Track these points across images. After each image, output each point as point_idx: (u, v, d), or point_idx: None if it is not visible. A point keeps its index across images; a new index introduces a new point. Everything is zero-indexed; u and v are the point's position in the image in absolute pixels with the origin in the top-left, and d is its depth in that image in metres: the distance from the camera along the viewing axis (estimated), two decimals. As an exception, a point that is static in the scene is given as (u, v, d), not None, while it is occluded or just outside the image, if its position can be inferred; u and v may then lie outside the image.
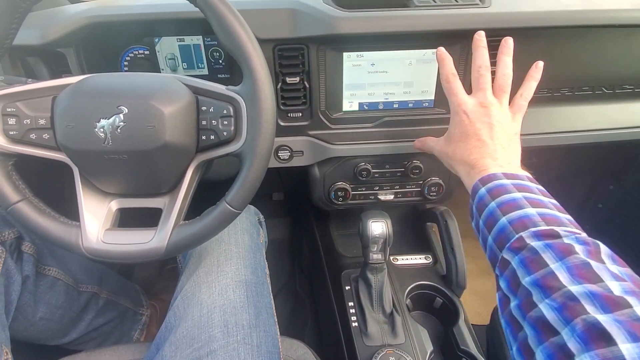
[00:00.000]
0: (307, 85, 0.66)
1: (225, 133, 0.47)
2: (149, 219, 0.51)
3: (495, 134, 0.47)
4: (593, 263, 0.31)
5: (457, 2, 0.61)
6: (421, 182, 0.75)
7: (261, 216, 0.75)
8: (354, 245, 0.84)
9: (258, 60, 0.45)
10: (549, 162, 0.86)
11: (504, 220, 0.37)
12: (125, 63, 0.72)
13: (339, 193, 0.75)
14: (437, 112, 0.70)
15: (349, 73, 0.67)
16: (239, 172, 0.47)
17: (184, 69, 0.74)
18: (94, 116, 0.44)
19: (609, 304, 0.27)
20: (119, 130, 0.44)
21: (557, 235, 0.33)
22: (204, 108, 0.47)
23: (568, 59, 0.67)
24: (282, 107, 0.68)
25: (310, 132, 0.70)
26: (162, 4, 0.64)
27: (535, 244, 0.33)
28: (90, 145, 0.45)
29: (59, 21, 0.61)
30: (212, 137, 0.47)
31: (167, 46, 0.71)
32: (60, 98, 0.46)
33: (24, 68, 0.69)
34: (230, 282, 0.56)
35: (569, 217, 0.37)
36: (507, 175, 0.41)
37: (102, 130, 0.44)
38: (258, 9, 0.61)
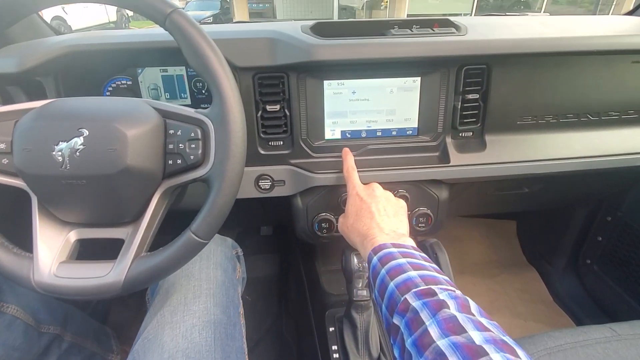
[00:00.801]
0: (288, 113, 0.65)
1: (192, 157, 0.45)
2: (114, 251, 0.48)
3: (382, 205, 0.54)
4: (460, 315, 0.33)
5: (434, 30, 0.62)
6: (409, 212, 0.72)
7: (239, 250, 0.71)
8: (341, 282, 0.79)
9: (227, 82, 0.44)
10: (541, 191, 0.83)
11: (392, 285, 0.40)
12: (108, 93, 0.72)
13: (323, 224, 0.71)
14: (421, 140, 0.69)
15: (330, 101, 0.66)
16: (206, 199, 0.44)
17: (166, 98, 0.73)
18: (53, 139, 0.42)
19: (469, 354, 0.29)
20: (77, 153, 0.42)
21: (433, 293, 0.36)
22: (171, 131, 0.46)
23: (550, 86, 0.67)
24: (262, 135, 0.67)
25: (292, 161, 0.68)
26: (145, 34, 0.65)
27: (415, 304, 0.36)
28: (46, 169, 0.42)
29: (38, 49, 0.61)
30: (179, 161, 0.45)
31: (150, 76, 0.71)
32: (21, 121, 0.45)
33: (3, 97, 0.68)
34: (197, 322, 0.50)
35: (447, 277, 0.41)
36: (395, 245, 0.46)
37: (60, 153, 0.42)
38: (237, 38, 0.62)
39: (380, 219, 0.52)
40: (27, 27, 0.75)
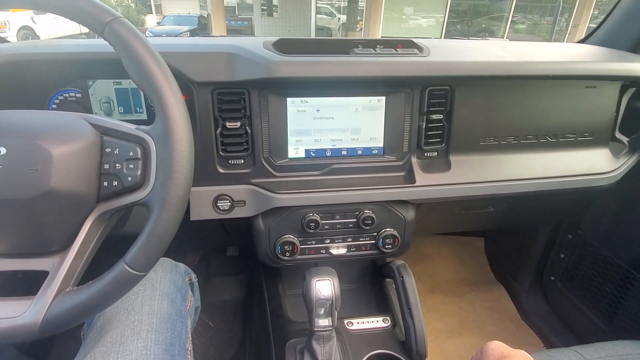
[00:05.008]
0: (249, 131, 0.62)
1: (129, 178, 0.40)
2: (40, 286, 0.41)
3: None
4: None
5: (397, 51, 0.62)
6: (375, 233, 0.70)
7: (193, 276, 0.65)
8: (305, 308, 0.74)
9: (172, 97, 0.40)
10: (506, 210, 0.84)
11: None
12: (54, 106, 0.66)
13: (285, 247, 0.67)
14: (387, 160, 0.67)
15: (293, 118, 0.63)
16: (144, 225, 0.40)
17: (119, 113, 0.68)
18: None
19: None
20: (-8, 174, 0.36)
21: None
22: (108, 150, 0.41)
23: (510, 108, 0.68)
24: (221, 153, 0.63)
25: (253, 180, 0.65)
26: (97, 44, 0.60)
27: None
28: None
29: None
30: (115, 183, 0.41)
31: (102, 89, 0.66)
32: None
33: None
34: None
35: None
36: None
37: None
38: (195, 52, 0.58)
39: None
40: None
